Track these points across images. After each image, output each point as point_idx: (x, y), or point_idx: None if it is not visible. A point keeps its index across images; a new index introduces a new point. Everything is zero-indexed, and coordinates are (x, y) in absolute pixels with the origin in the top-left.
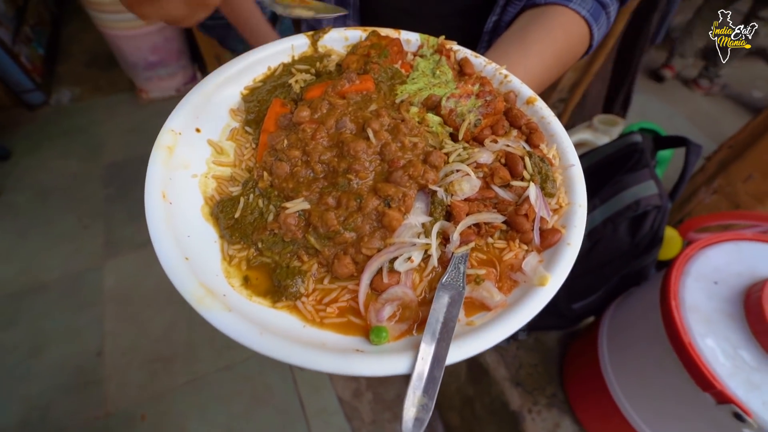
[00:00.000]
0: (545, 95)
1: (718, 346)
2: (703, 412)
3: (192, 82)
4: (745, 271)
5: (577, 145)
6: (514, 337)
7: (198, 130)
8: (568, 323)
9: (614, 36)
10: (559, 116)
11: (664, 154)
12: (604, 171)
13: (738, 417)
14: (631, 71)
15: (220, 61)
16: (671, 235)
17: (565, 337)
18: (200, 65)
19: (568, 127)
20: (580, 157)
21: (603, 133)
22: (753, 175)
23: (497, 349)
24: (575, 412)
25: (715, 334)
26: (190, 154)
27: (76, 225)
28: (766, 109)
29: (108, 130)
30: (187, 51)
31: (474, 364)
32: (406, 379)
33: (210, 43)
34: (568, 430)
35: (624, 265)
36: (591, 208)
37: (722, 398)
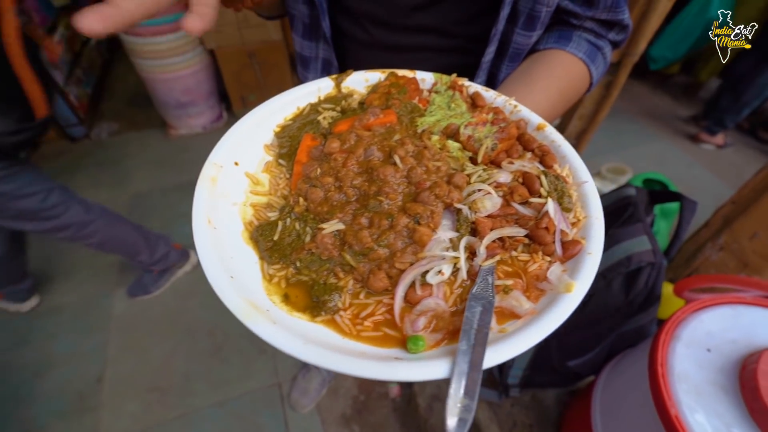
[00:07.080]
0: None
1: (709, 423)
2: None
3: (218, 120)
4: (740, 338)
5: None
6: (506, 393)
7: (236, 164)
8: (566, 381)
9: (617, 87)
10: None
11: (672, 206)
12: None
13: None
14: None
15: (245, 102)
16: (671, 292)
17: (565, 396)
18: (227, 105)
19: None
20: None
21: (611, 182)
22: (758, 232)
23: (490, 405)
24: None
25: (705, 408)
26: (230, 185)
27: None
28: None
29: (137, 163)
30: (216, 92)
31: None
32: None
33: (237, 85)
34: None
35: (619, 322)
36: None
37: None
